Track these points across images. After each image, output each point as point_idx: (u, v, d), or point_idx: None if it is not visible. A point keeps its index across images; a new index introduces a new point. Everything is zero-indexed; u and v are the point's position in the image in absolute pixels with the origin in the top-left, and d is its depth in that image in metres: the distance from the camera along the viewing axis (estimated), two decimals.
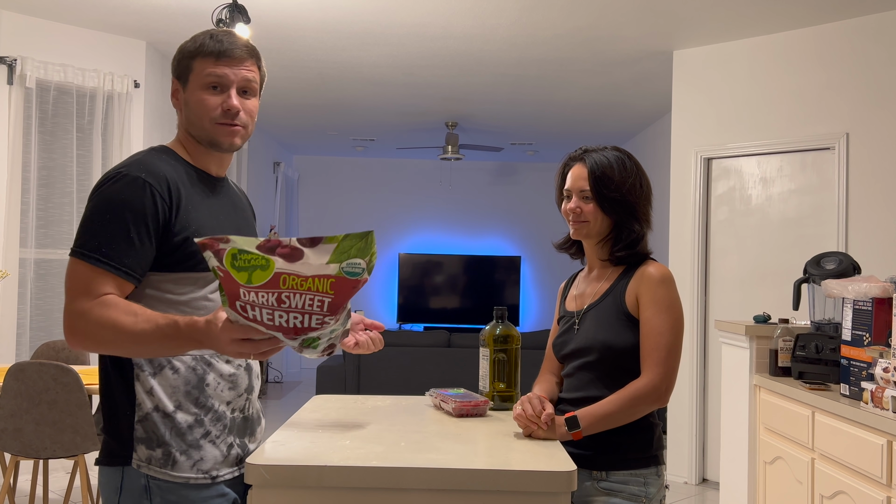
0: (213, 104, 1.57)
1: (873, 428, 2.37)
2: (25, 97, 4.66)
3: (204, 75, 1.57)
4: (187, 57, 1.59)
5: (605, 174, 1.83)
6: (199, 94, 1.58)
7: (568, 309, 1.97)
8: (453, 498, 1.44)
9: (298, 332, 1.28)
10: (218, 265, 1.26)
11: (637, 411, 1.76)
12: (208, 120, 1.58)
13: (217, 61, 1.57)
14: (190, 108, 1.59)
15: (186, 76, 1.60)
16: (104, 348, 1.49)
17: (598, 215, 1.84)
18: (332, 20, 4.73)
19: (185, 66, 1.60)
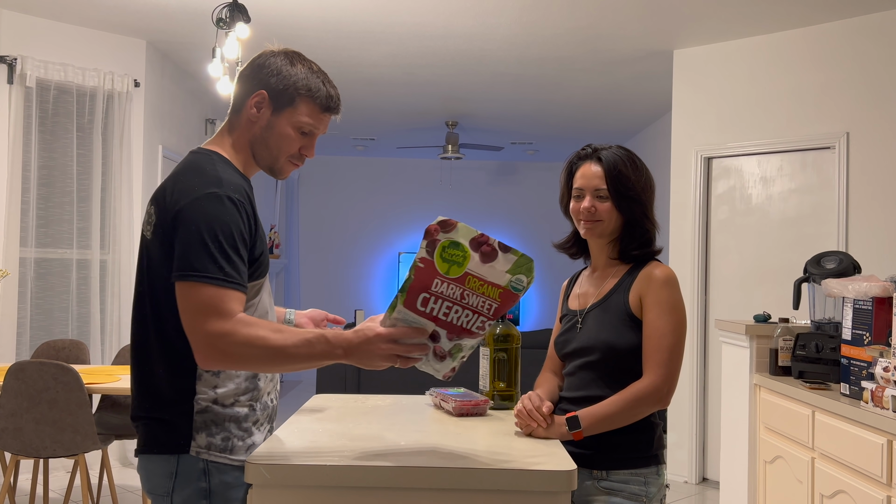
0: (296, 145, 1.64)
1: (873, 427, 2.37)
2: (26, 96, 4.66)
3: (304, 120, 1.62)
4: (295, 89, 1.61)
5: (621, 172, 1.83)
6: (289, 130, 1.62)
7: (570, 307, 1.96)
8: (453, 497, 1.44)
9: (462, 332, 1.41)
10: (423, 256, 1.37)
11: (638, 412, 1.76)
12: (286, 154, 1.64)
13: (322, 113, 1.65)
14: (272, 134, 1.62)
15: (283, 104, 1.61)
16: (248, 365, 1.53)
17: (613, 214, 1.84)
18: (332, 19, 4.73)
19: (290, 96, 1.61)
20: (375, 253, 10.19)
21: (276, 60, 1.62)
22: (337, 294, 10.12)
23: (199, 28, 4.86)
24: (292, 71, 1.62)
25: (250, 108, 1.62)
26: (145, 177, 5.32)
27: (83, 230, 4.92)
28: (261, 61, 1.64)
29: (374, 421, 1.84)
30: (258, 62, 1.64)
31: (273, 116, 1.62)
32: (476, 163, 10.05)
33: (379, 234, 10.19)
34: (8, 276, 4.29)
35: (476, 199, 10.25)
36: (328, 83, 1.65)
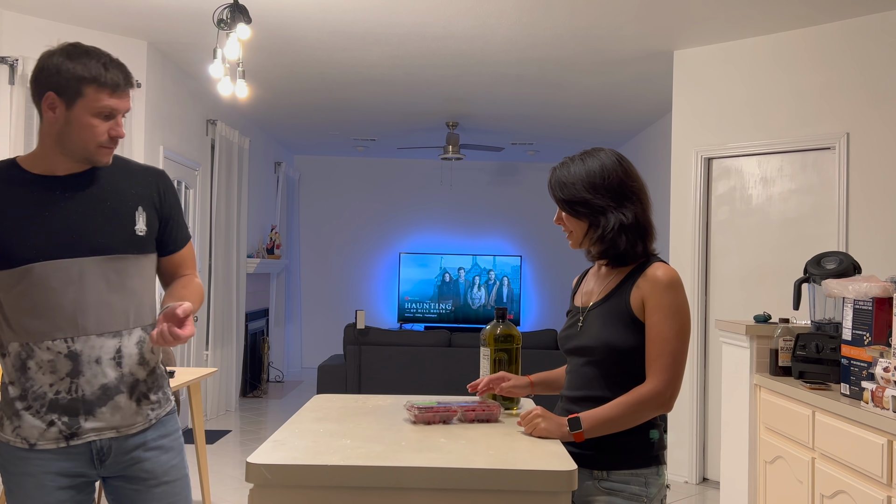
0: (100, 130, 1.73)
1: (874, 427, 2.37)
2: (27, 97, 4.66)
3: (98, 105, 1.70)
4: (77, 80, 1.69)
5: (558, 181, 1.86)
6: (90, 120, 1.71)
7: (575, 304, 1.97)
8: (454, 497, 1.44)
9: None
10: None
11: (640, 416, 1.76)
12: (96, 143, 1.73)
13: (112, 94, 1.72)
14: (73, 128, 1.71)
15: (73, 98, 1.70)
16: None
17: (571, 221, 1.86)
18: (333, 20, 4.73)
19: (75, 88, 1.69)
20: (376, 253, 10.19)
21: (55, 59, 1.70)
22: (337, 294, 10.13)
23: (200, 29, 4.87)
24: (70, 67, 1.69)
25: (46, 110, 1.72)
26: None
27: None
28: (41, 65, 1.71)
29: (374, 421, 1.85)
30: (38, 66, 1.71)
31: (68, 111, 1.70)
32: (476, 163, 10.05)
33: (379, 235, 10.20)
34: None
35: (476, 199, 10.25)
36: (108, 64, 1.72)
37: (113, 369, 1.79)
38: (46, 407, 1.76)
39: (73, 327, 1.75)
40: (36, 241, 1.72)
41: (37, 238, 1.72)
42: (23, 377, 1.76)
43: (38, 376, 1.75)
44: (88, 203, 1.78)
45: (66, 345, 1.75)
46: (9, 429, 1.77)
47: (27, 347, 1.75)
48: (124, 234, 1.81)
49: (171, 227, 1.92)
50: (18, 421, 1.76)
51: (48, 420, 1.76)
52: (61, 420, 1.76)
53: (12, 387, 1.78)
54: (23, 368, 1.75)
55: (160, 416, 1.90)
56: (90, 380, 1.77)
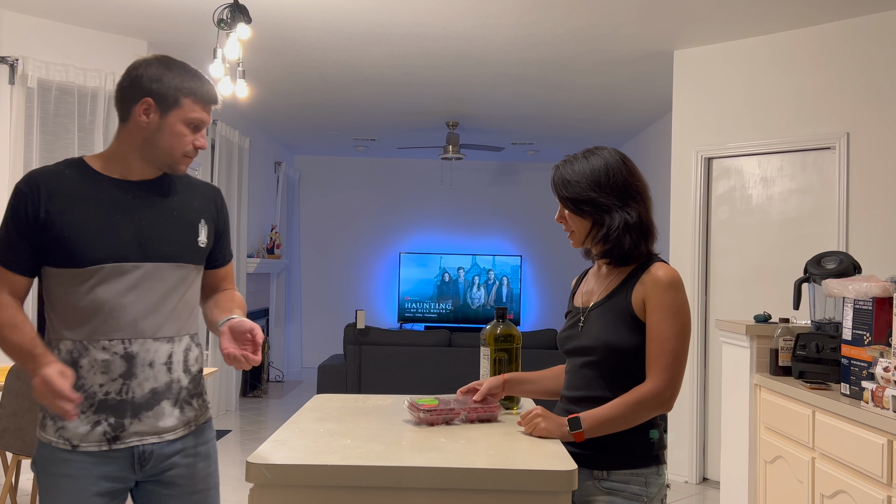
0: (186, 140, 1.80)
1: (874, 427, 2.38)
2: (27, 97, 4.66)
3: (191, 116, 1.79)
4: (176, 90, 1.77)
5: (563, 179, 1.85)
6: (180, 129, 1.78)
7: (575, 304, 1.97)
8: (454, 497, 1.44)
9: None
10: None
11: (640, 416, 1.76)
12: (181, 152, 1.80)
13: (205, 107, 1.82)
14: (162, 135, 1.78)
15: (170, 106, 1.77)
16: None
17: (575, 220, 1.85)
18: (333, 20, 4.73)
19: (174, 98, 1.77)
20: (376, 253, 10.20)
21: (154, 68, 1.78)
22: (337, 294, 10.13)
23: (201, 29, 4.87)
24: (169, 75, 1.78)
25: (139, 115, 1.77)
26: None
27: None
28: (139, 72, 1.78)
29: (374, 421, 1.85)
30: (135, 73, 1.78)
31: (162, 119, 1.77)
32: (477, 163, 10.05)
33: (380, 235, 10.20)
34: None
35: (476, 199, 10.25)
36: (202, 79, 1.83)
37: (164, 374, 1.82)
38: (95, 407, 1.75)
39: (133, 330, 1.77)
40: (108, 242, 1.75)
41: (109, 240, 1.75)
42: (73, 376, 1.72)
43: (90, 375, 1.75)
44: (158, 211, 1.83)
45: (124, 346, 1.76)
46: (51, 429, 1.76)
47: (81, 346, 1.76)
48: (189, 244, 1.87)
49: (222, 242, 2.00)
50: (62, 421, 1.75)
51: (94, 420, 1.75)
52: (107, 421, 1.76)
53: None
54: (73, 367, 1.74)
55: (199, 423, 1.92)
56: (141, 382, 1.78)
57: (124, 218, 1.77)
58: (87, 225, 1.74)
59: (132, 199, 1.80)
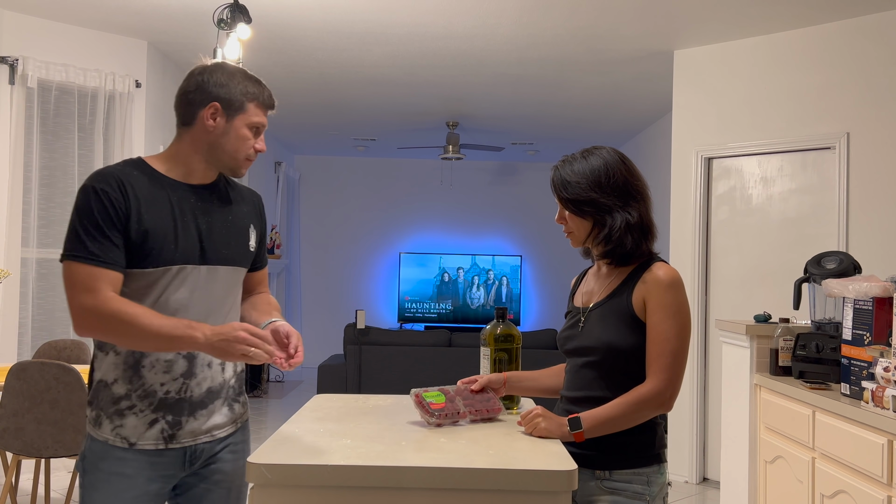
0: (249, 144, 1.85)
1: (874, 427, 2.38)
2: (27, 97, 4.66)
3: (254, 120, 1.84)
4: (243, 95, 1.82)
5: (562, 180, 1.85)
6: (244, 132, 1.83)
7: (575, 304, 1.97)
8: (454, 497, 1.44)
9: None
10: None
11: (640, 416, 1.76)
12: (244, 155, 1.84)
13: (265, 112, 1.87)
14: (228, 138, 1.82)
15: (236, 111, 1.81)
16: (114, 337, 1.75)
17: (575, 220, 1.85)
18: (333, 20, 4.73)
19: (240, 102, 1.81)
20: (376, 253, 10.20)
21: (218, 75, 1.82)
22: (338, 294, 10.13)
23: (201, 29, 4.87)
24: (234, 81, 1.83)
25: (207, 119, 1.80)
26: None
27: None
28: (204, 77, 1.82)
29: (374, 421, 1.85)
30: (200, 78, 1.83)
31: (228, 123, 1.81)
32: (477, 163, 10.05)
33: (380, 235, 10.20)
34: (9, 276, 4.30)
35: (476, 199, 10.25)
36: (263, 84, 1.88)
37: (219, 374, 1.87)
38: (154, 406, 1.78)
39: None
40: (178, 244, 1.78)
41: (179, 241, 1.78)
42: (134, 376, 1.77)
43: (151, 375, 1.77)
44: (217, 214, 1.87)
45: None
46: (108, 427, 1.77)
47: None
48: (242, 248, 1.92)
49: (262, 246, 2.05)
50: (120, 420, 1.77)
51: (151, 419, 1.78)
52: (165, 419, 1.79)
53: (116, 385, 1.78)
54: (135, 367, 1.77)
55: (243, 421, 1.97)
56: (200, 382, 1.82)
57: (189, 221, 1.80)
58: (160, 226, 1.76)
59: (195, 202, 1.83)
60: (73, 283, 1.71)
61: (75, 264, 1.70)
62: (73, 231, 1.72)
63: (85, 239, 1.70)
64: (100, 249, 1.70)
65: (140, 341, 1.71)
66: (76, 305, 1.70)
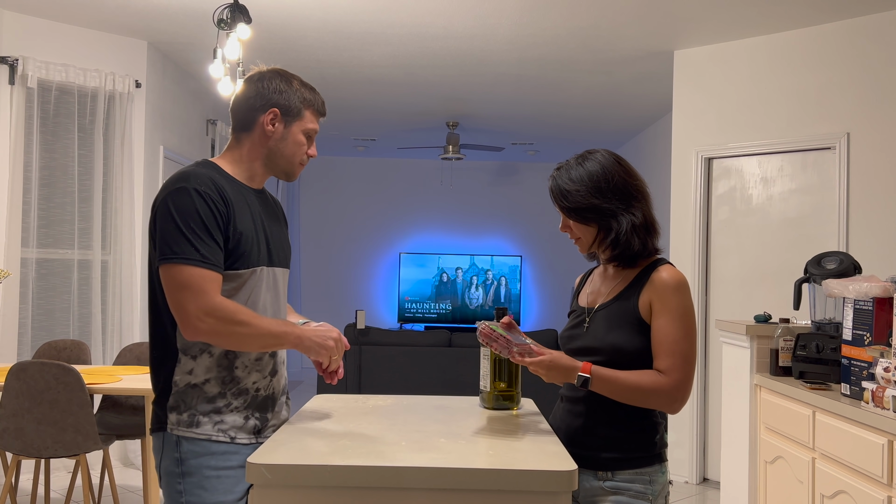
0: (303, 149, 1.91)
1: (874, 427, 2.37)
2: (27, 97, 4.66)
3: (310, 127, 1.90)
4: (301, 102, 1.88)
5: (560, 189, 1.84)
6: (299, 138, 1.89)
7: (580, 304, 1.96)
8: (454, 497, 1.44)
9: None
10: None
11: (646, 402, 1.76)
12: (298, 160, 1.91)
13: (318, 119, 1.94)
14: (287, 143, 1.88)
15: (294, 117, 1.88)
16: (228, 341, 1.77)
17: (579, 227, 1.85)
18: (332, 20, 4.73)
19: (297, 109, 1.88)
20: (376, 253, 10.20)
21: (277, 82, 1.88)
22: (338, 294, 10.13)
23: (201, 29, 4.87)
24: (292, 88, 1.89)
25: (266, 124, 1.86)
26: (146, 177, 5.33)
27: (84, 231, 4.92)
28: (263, 84, 1.88)
29: (374, 421, 1.85)
30: (258, 85, 1.88)
31: (286, 129, 1.87)
32: (477, 163, 10.05)
33: (380, 235, 10.20)
34: (9, 276, 4.30)
35: (477, 199, 10.25)
36: (317, 92, 1.94)
37: (285, 370, 1.97)
38: (247, 403, 1.82)
39: None
40: (262, 246, 1.85)
41: (261, 244, 1.85)
42: (228, 376, 1.80)
43: (245, 375, 1.82)
44: (272, 217, 1.95)
45: None
46: (208, 425, 1.78)
47: None
48: (288, 251, 2.01)
49: None
50: (219, 417, 1.79)
51: (245, 415, 1.82)
52: (255, 416, 1.83)
53: (209, 385, 1.79)
54: (230, 367, 1.80)
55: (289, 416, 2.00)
56: (279, 378, 1.92)
57: (259, 225, 1.86)
58: (249, 229, 1.81)
59: (259, 206, 1.90)
60: (186, 287, 1.69)
61: (187, 267, 1.69)
62: (178, 233, 1.70)
63: (193, 241, 1.70)
64: (209, 252, 1.71)
65: (253, 341, 1.76)
66: (193, 309, 1.68)
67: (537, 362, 1.72)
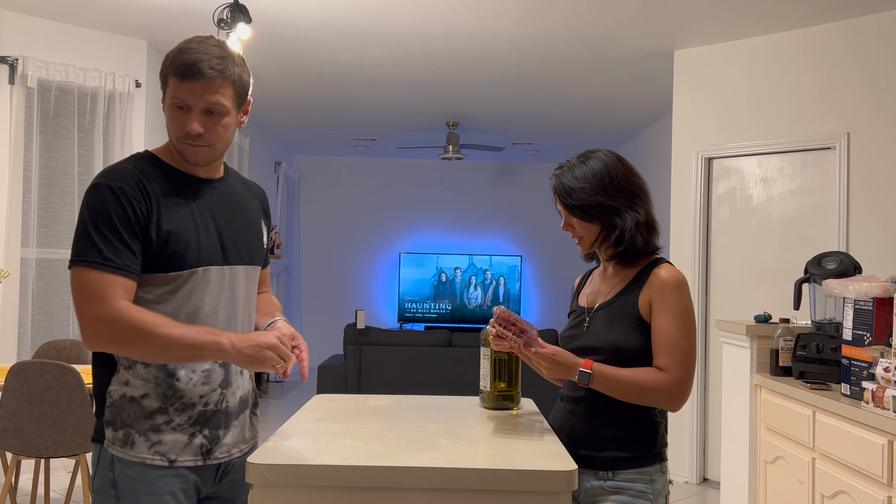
0: (179, 123, 1.62)
1: (874, 427, 2.37)
2: (27, 97, 4.66)
3: (171, 95, 1.62)
4: (164, 69, 1.63)
5: (564, 187, 1.84)
6: (170, 111, 1.63)
7: (580, 304, 1.97)
8: (454, 497, 1.44)
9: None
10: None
11: (645, 400, 1.76)
12: (176, 137, 1.64)
13: (181, 82, 1.60)
14: (167, 119, 1.66)
15: (164, 87, 1.65)
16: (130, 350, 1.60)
17: (583, 225, 1.85)
18: (332, 20, 4.73)
19: (164, 77, 1.64)
20: (376, 253, 10.19)
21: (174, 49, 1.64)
22: (338, 294, 10.13)
23: (201, 28, 4.86)
24: (170, 52, 1.63)
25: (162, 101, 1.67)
26: None
27: None
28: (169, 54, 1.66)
29: (374, 421, 1.84)
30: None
31: (164, 102, 1.65)
32: (477, 163, 10.05)
33: (380, 235, 10.20)
34: (9, 276, 4.30)
35: (477, 199, 10.25)
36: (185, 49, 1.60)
37: (247, 381, 1.78)
38: (193, 420, 1.65)
39: None
40: (201, 244, 1.65)
41: (202, 242, 1.66)
42: (169, 389, 1.63)
43: (189, 387, 1.64)
44: (231, 210, 1.74)
45: None
46: (143, 446, 1.61)
47: None
48: (258, 245, 1.80)
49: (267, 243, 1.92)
50: (157, 436, 1.62)
51: (190, 433, 1.65)
52: (202, 433, 1.66)
53: (148, 399, 1.62)
54: (170, 379, 1.63)
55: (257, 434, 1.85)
56: (235, 391, 1.72)
57: (208, 219, 1.68)
58: (182, 226, 1.63)
59: (210, 198, 1.71)
60: (84, 292, 1.54)
61: (87, 270, 1.53)
62: (85, 233, 1.55)
63: (98, 242, 1.54)
64: (114, 254, 1.54)
65: (159, 352, 1.56)
66: (88, 317, 1.53)
67: (541, 354, 1.72)
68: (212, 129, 1.63)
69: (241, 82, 1.66)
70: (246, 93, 1.70)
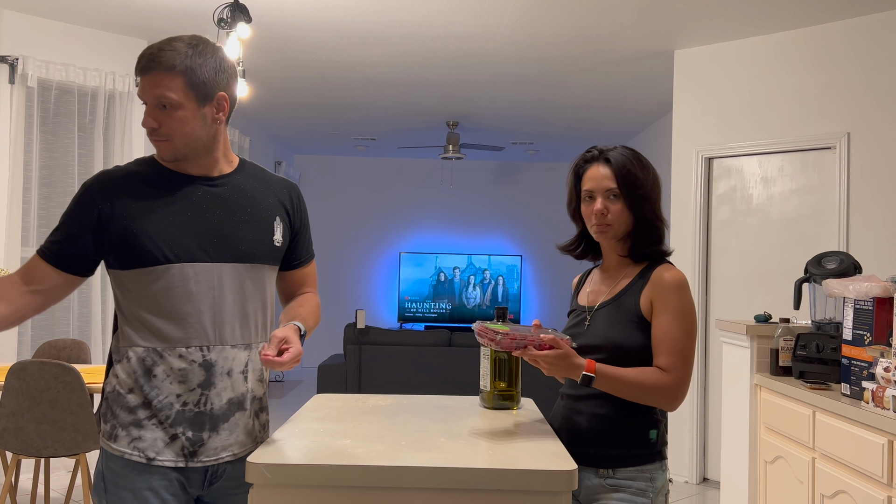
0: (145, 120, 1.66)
1: (874, 427, 2.37)
2: (27, 96, 4.66)
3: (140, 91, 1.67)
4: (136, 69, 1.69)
5: (630, 171, 1.84)
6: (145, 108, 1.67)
7: (580, 303, 1.96)
8: (454, 497, 1.44)
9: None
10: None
11: (645, 399, 1.76)
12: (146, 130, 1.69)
13: (146, 80, 1.63)
14: None
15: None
16: None
17: (624, 214, 1.84)
18: (333, 20, 4.73)
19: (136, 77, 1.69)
20: (376, 253, 10.19)
21: None
22: (338, 294, 10.13)
23: (201, 28, 4.86)
24: None
25: None
26: None
27: None
28: None
29: (374, 421, 1.84)
30: None
31: None
32: (477, 163, 10.05)
33: (380, 234, 10.20)
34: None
35: (477, 199, 10.25)
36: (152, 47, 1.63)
37: (241, 383, 1.72)
38: (172, 419, 1.65)
39: (210, 336, 1.68)
40: (178, 241, 1.65)
41: (179, 239, 1.65)
42: (147, 385, 1.64)
43: (166, 385, 1.64)
44: (230, 208, 1.73)
45: (202, 353, 1.66)
46: (124, 441, 1.64)
47: (154, 353, 1.65)
48: (264, 243, 1.76)
49: (300, 240, 1.89)
50: (138, 432, 1.64)
51: (171, 433, 1.64)
52: (185, 435, 1.65)
53: (132, 395, 1.65)
54: (147, 375, 1.64)
55: (262, 440, 1.79)
56: (220, 393, 1.68)
57: (195, 216, 1.68)
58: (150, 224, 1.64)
59: (204, 195, 1.70)
60: None
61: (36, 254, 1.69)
62: None
63: (52, 232, 1.69)
64: (53, 243, 1.67)
65: None
66: None
67: (543, 356, 1.72)
68: (166, 122, 1.64)
69: (194, 74, 1.63)
70: (206, 85, 1.65)
